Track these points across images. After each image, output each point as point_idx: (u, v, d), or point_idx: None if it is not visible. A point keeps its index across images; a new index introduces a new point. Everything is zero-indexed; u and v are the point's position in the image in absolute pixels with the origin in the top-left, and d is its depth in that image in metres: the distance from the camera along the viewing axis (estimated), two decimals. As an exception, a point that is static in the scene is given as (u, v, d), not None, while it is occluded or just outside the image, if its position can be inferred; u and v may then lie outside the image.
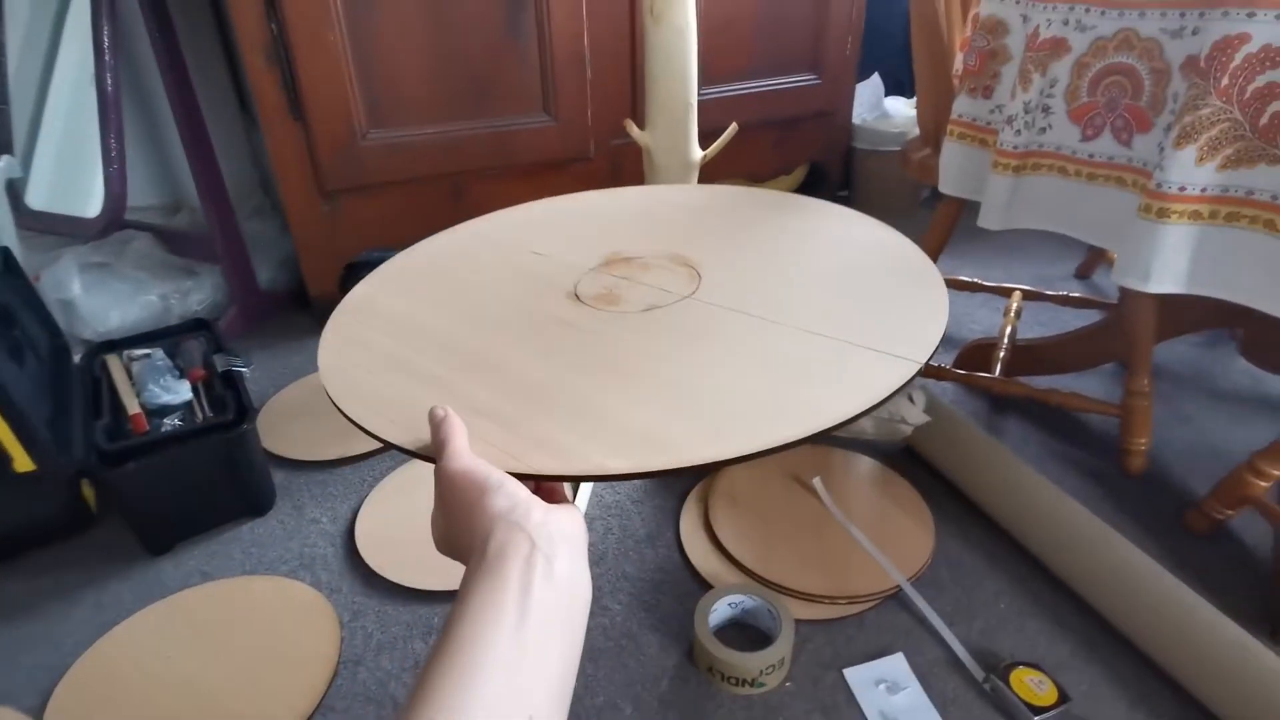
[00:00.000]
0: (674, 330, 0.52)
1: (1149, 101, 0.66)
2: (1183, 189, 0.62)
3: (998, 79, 0.81)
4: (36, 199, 1.26)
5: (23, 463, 0.74)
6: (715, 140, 1.11)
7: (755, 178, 1.64)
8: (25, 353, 0.84)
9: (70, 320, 1.12)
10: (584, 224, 0.70)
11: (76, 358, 0.97)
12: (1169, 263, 0.64)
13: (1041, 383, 1.00)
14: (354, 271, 1.29)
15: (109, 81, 1.08)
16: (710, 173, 1.16)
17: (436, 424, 0.42)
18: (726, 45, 1.45)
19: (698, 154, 1.13)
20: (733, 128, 1.12)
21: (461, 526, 0.39)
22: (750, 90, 1.53)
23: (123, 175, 1.10)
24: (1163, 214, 0.63)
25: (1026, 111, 0.74)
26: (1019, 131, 0.74)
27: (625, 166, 1.42)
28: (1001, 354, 1.03)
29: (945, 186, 0.85)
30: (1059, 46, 0.72)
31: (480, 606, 0.33)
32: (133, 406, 0.85)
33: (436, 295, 0.60)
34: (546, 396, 0.47)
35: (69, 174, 1.30)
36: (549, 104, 1.30)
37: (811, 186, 1.79)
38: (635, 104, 1.37)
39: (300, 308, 1.34)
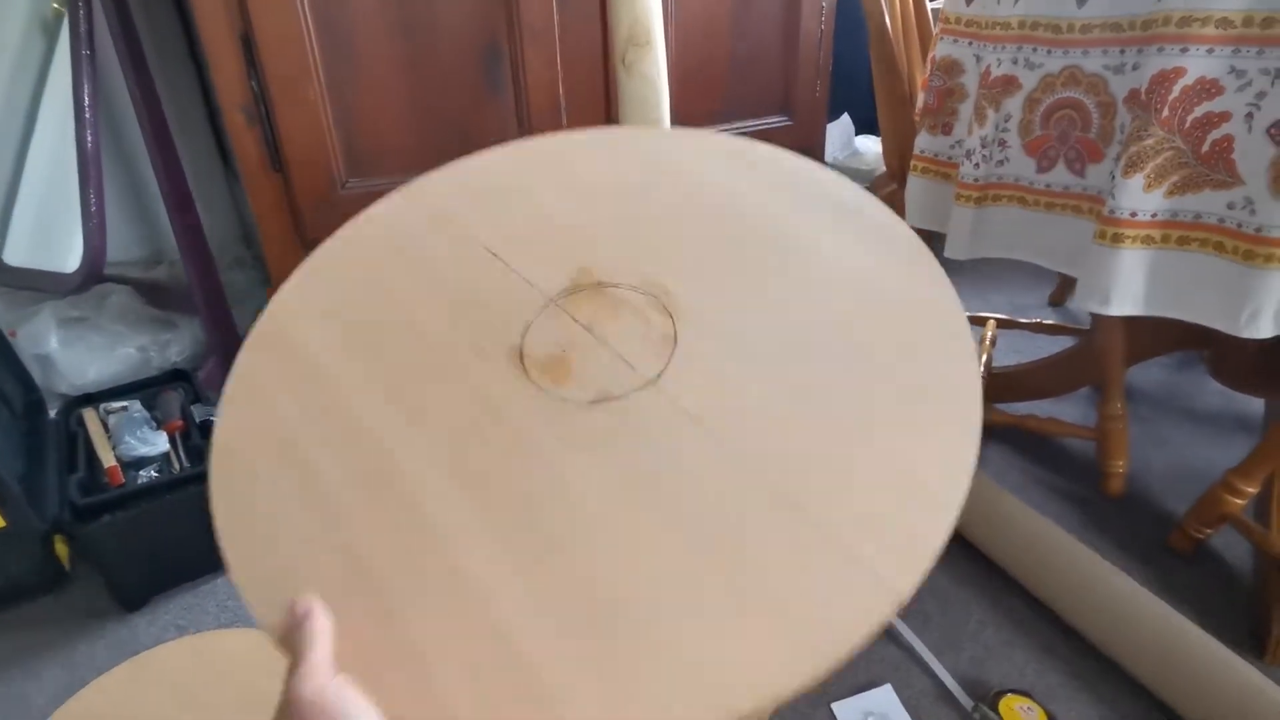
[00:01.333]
0: (616, 455, 0.39)
1: (1098, 133, 0.69)
2: (1134, 214, 0.64)
3: (955, 116, 0.84)
4: (14, 256, 1.26)
5: (-8, 520, 0.73)
6: (689, 181, 1.13)
7: (732, 217, 1.67)
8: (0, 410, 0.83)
9: (47, 375, 1.11)
10: (562, 201, 0.53)
11: (53, 413, 0.96)
12: (1126, 286, 0.66)
13: (1019, 409, 1.01)
14: (335, 319, 1.30)
15: (89, 138, 1.10)
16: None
17: (295, 622, 0.33)
18: (699, 88, 1.50)
19: (673, 195, 1.15)
20: (706, 169, 1.14)
21: None
22: (724, 131, 1.57)
23: (102, 229, 1.11)
24: (1117, 239, 0.65)
25: (984, 146, 0.76)
26: (978, 165, 0.77)
27: (603, 209, 1.44)
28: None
29: (911, 219, 0.87)
30: (1010, 84, 0.75)
31: None
32: (109, 459, 0.84)
33: (362, 321, 0.48)
34: (437, 569, 0.36)
35: (48, 230, 1.31)
36: (526, 150, 1.33)
37: (788, 224, 1.82)
38: (611, 148, 1.40)
39: (281, 356, 1.34)
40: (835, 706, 0.69)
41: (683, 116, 1.13)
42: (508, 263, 0.49)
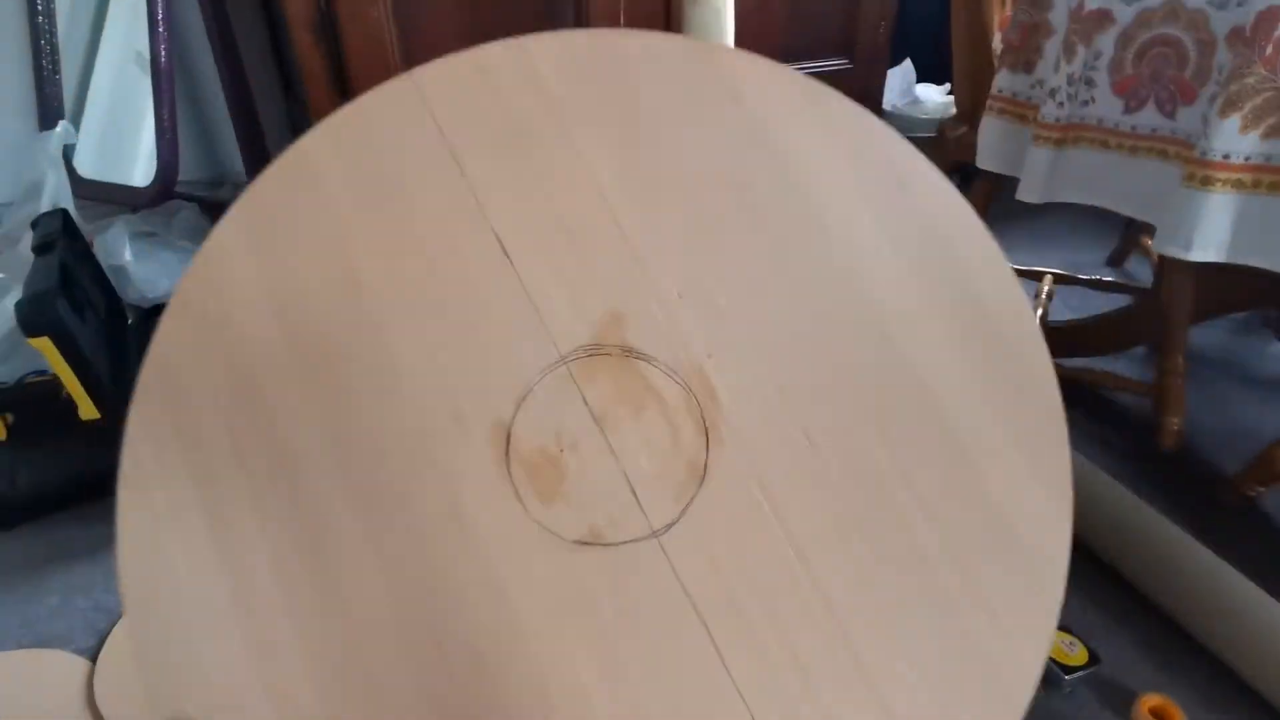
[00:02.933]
0: (590, 630, 0.29)
1: (1194, 73, 0.67)
2: (1226, 157, 0.63)
3: (1039, 53, 0.81)
4: (83, 167, 1.29)
5: (88, 411, 0.77)
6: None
7: (785, 162, 1.65)
8: (86, 310, 0.87)
9: (121, 285, 1.16)
10: (623, 179, 0.37)
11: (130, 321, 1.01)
12: (1211, 231, 0.64)
13: (1074, 364, 1.01)
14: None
15: (163, 55, 1.11)
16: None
17: None
18: (758, 26, 1.46)
19: (732, 133, 1.14)
20: (768, 107, 1.13)
21: None
22: (783, 73, 1.53)
23: (174, 147, 1.13)
24: (1206, 182, 0.63)
25: (1069, 84, 0.74)
26: (1061, 104, 0.75)
27: (658, 147, 1.43)
28: (1034, 333, 1.03)
29: (983, 161, 0.86)
30: (1104, 18, 0.73)
31: None
32: (187, 364, 0.88)
33: (291, 392, 0.33)
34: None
35: (115, 144, 1.34)
36: (585, 83, 1.32)
37: (840, 172, 1.79)
38: (669, 85, 1.38)
39: (338, 281, 1.37)
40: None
41: (743, 54, 1.10)
42: (520, 274, 0.35)
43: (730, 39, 1.08)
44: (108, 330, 0.94)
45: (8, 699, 0.66)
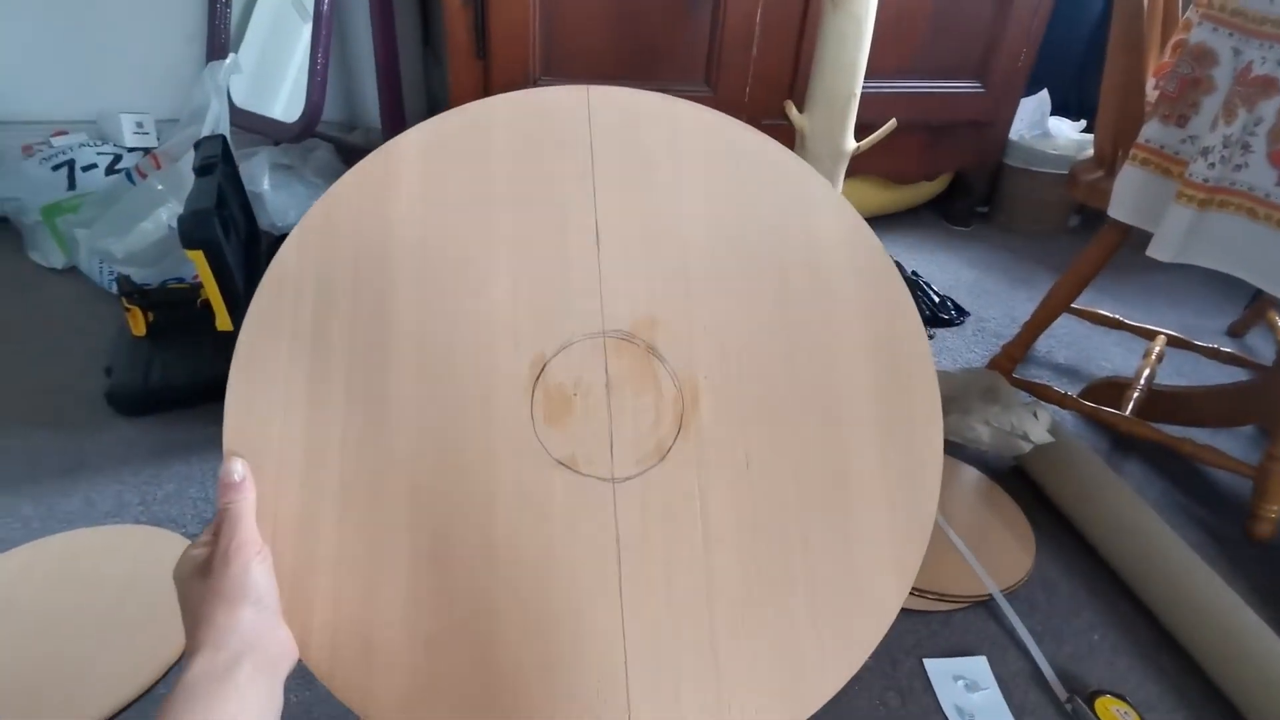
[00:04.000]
0: (537, 532, 0.41)
1: (1365, 153, 0.64)
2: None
3: (1196, 109, 0.78)
4: (236, 97, 1.39)
5: (224, 322, 0.85)
6: (869, 134, 1.11)
7: (896, 179, 1.62)
8: (232, 231, 0.95)
9: (257, 211, 1.25)
10: (706, 206, 0.47)
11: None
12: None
13: (1174, 431, 0.97)
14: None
15: (325, 2, 1.19)
16: (852, 167, 1.16)
17: (226, 485, 0.39)
18: (894, 40, 1.44)
19: (851, 145, 1.14)
20: (891, 123, 1.12)
21: (204, 607, 0.37)
22: (909, 89, 1.51)
23: (323, 88, 1.21)
24: (1360, 270, 0.61)
25: (1225, 146, 0.71)
26: (1213, 165, 0.72)
27: (772, 148, 1.43)
28: (1136, 394, 1.00)
29: (1116, 211, 0.83)
30: (1269, 85, 0.69)
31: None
32: (311, 294, 0.95)
33: (406, 286, 0.43)
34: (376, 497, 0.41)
35: (265, 78, 1.44)
36: (710, 75, 1.33)
37: (951, 197, 1.75)
38: (793, 88, 1.38)
39: (447, 235, 1.43)
40: (927, 662, 0.72)
41: (873, 68, 1.09)
42: (600, 260, 0.45)
43: (866, 48, 1.07)
44: (245, 251, 1.02)
45: (124, 562, 0.74)
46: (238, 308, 0.86)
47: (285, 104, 1.41)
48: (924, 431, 0.46)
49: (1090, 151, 0.97)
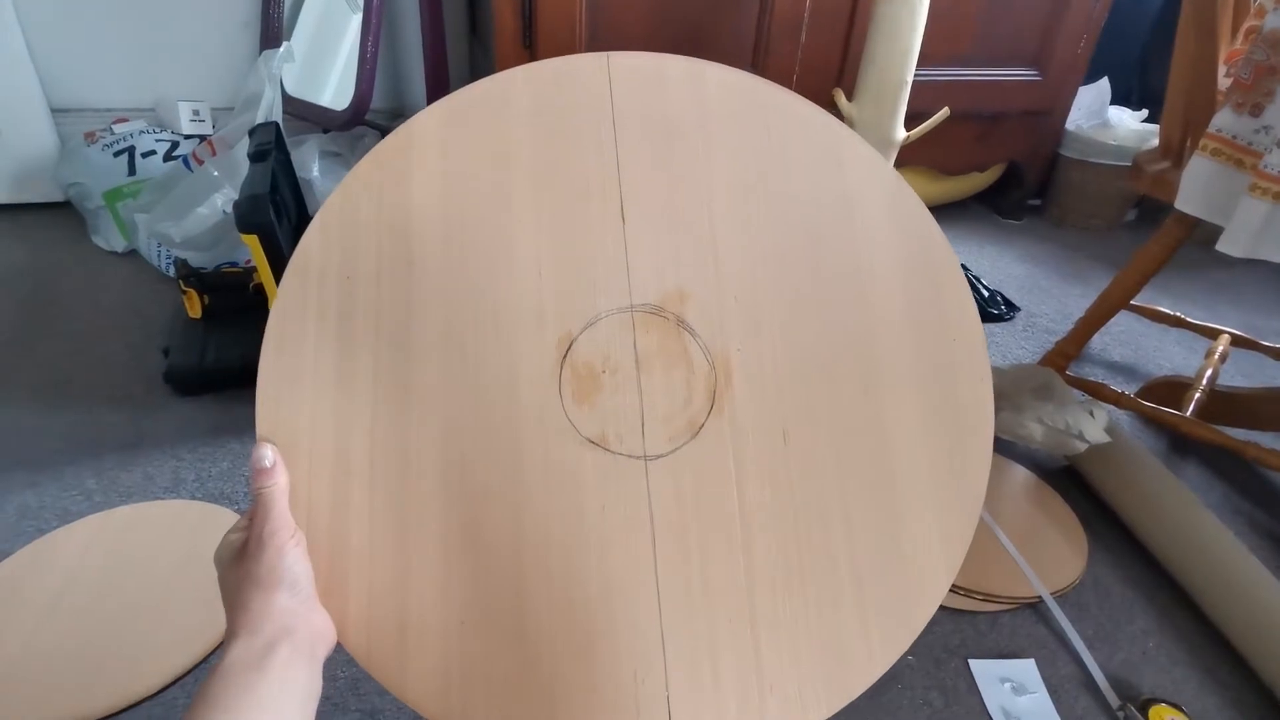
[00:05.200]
0: (568, 508, 0.41)
1: None
2: None
3: (1271, 97, 0.74)
4: (287, 85, 1.42)
5: (276, 306, 0.86)
6: (919, 123, 1.08)
7: (946, 169, 1.58)
8: (284, 216, 0.97)
9: (307, 198, 1.27)
10: (738, 191, 0.45)
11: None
12: None
13: (1237, 434, 0.93)
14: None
15: (376, -8, 1.20)
16: (901, 157, 1.14)
17: (258, 470, 0.40)
18: (948, 28, 1.40)
19: (901, 134, 1.11)
20: (944, 112, 1.09)
21: (241, 593, 0.37)
22: (963, 78, 1.47)
23: (372, 78, 1.22)
24: None
25: (1304, 135, 0.68)
26: (1289, 156, 0.68)
27: (818, 137, 1.41)
28: (1197, 395, 0.96)
29: (1184, 203, 0.80)
30: (1359, 69, 0.66)
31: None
32: (360, 279, 0.97)
33: (433, 268, 0.43)
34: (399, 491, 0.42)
35: (315, 67, 1.46)
36: (758, 62, 1.32)
37: (1003, 188, 1.70)
38: (842, 76, 1.36)
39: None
40: (973, 663, 0.70)
41: (926, 55, 1.06)
42: (626, 234, 0.44)
43: (920, 34, 1.04)
44: (296, 235, 1.04)
45: (182, 535, 0.76)
46: (289, 292, 0.88)
47: (334, 92, 1.43)
48: (972, 392, 0.44)
49: (1154, 142, 0.93)
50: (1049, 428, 0.84)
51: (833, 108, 1.11)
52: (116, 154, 1.29)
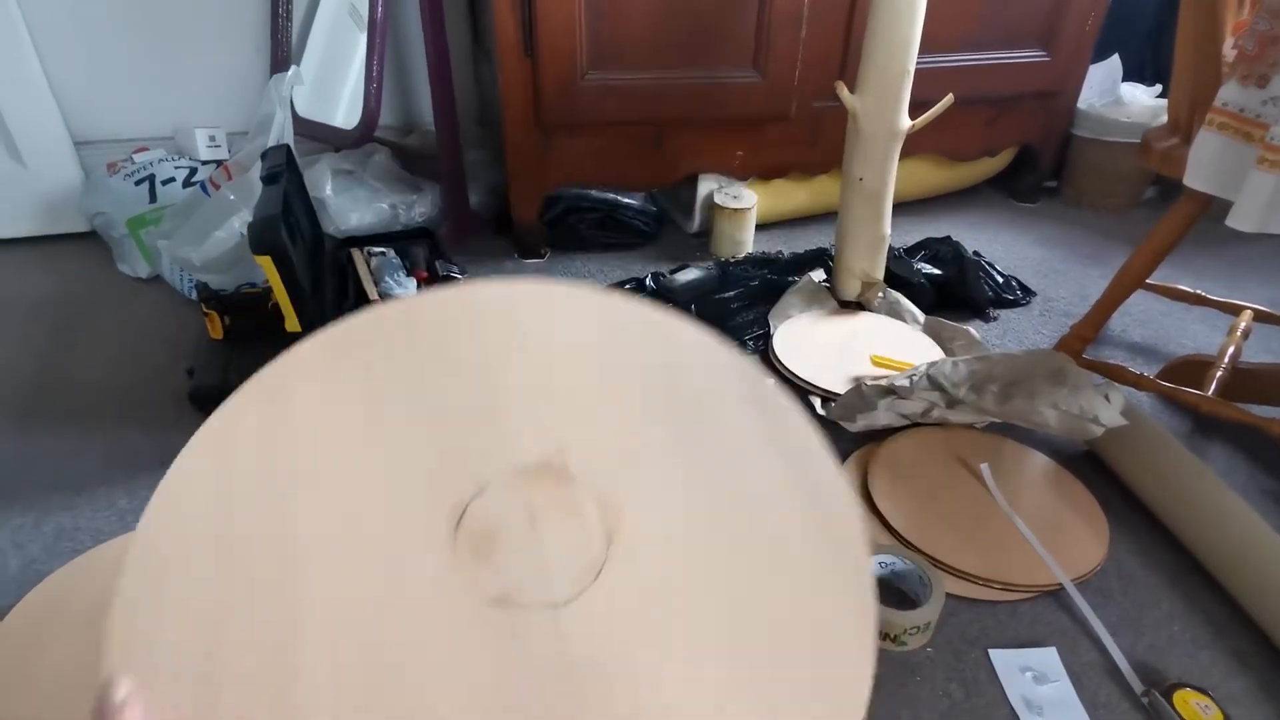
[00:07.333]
0: (482, 668, 0.37)
1: None
2: None
3: (1277, 68, 0.73)
4: (298, 106, 1.45)
5: (292, 324, 0.89)
6: (926, 111, 1.08)
7: (956, 156, 1.57)
8: (298, 236, 0.99)
9: (320, 216, 1.30)
10: (596, 358, 0.48)
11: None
12: None
13: (1262, 412, 0.91)
14: (552, 204, 1.39)
15: (379, 12, 1.22)
16: (907, 146, 1.13)
17: (107, 708, 0.30)
18: (952, 13, 1.39)
19: (906, 124, 1.11)
20: (948, 99, 1.08)
21: None
22: (970, 63, 1.45)
23: (379, 94, 1.25)
24: None
25: (1312, 105, 0.67)
26: (1297, 127, 0.67)
27: (824, 130, 1.41)
28: (1219, 373, 0.94)
29: (1192, 179, 0.79)
30: (1368, 35, 0.64)
31: None
32: (373, 294, 0.99)
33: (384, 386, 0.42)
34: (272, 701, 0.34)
35: (325, 87, 1.49)
36: (759, 60, 1.32)
37: (1016, 172, 1.68)
38: (844, 69, 1.35)
39: (500, 231, 1.46)
40: (993, 653, 0.70)
41: (926, 42, 1.06)
42: (507, 407, 0.45)
43: (920, 23, 1.04)
44: (310, 254, 1.06)
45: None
46: (305, 309, 0.90)
47: (345, 111, 1.46)
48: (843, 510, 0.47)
49: (1165, 117, 0.92)
50: (1063, 413, 0.83)
51: (835, 101, 1.11)
52: (138, 182, 1.33)
